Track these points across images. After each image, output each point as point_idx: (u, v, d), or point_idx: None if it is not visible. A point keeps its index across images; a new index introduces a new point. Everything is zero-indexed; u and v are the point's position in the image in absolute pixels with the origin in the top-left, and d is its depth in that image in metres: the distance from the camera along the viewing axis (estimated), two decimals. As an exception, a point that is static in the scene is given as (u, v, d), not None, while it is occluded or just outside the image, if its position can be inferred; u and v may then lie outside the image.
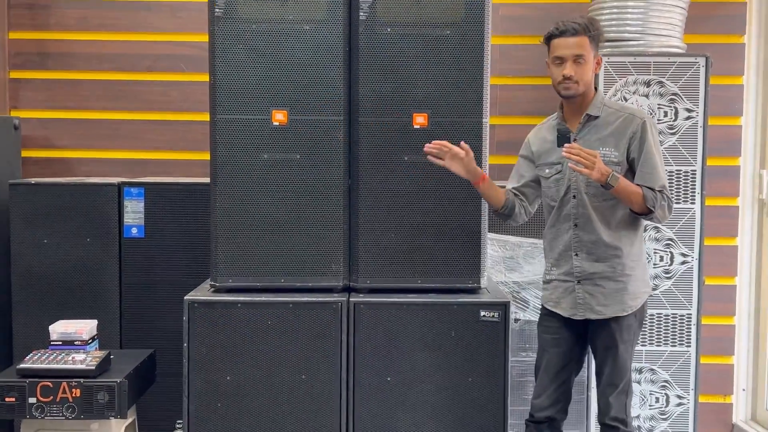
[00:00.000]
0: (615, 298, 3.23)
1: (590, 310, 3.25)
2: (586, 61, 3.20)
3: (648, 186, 3.16)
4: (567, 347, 3.34)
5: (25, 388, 3.21)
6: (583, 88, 3.22)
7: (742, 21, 4.84)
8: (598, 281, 3.24)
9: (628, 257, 3.24)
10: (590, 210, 3.22)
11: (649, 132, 3.20)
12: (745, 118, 4.86)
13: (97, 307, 4.28)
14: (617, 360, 3.25)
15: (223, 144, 3.42)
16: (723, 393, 4.91)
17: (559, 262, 3.32)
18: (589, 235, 3.23)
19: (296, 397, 3.39)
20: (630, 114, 3.26)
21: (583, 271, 3.25)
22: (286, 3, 3.38)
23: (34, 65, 4.97)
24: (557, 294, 3.34)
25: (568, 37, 3.20)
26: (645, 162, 3.18)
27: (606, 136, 3.23)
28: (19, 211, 4.34)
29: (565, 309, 3.31)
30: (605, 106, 3.29)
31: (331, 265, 3.46)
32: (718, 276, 4.84)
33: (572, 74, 3.19)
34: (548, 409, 3.31)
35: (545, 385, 3.33)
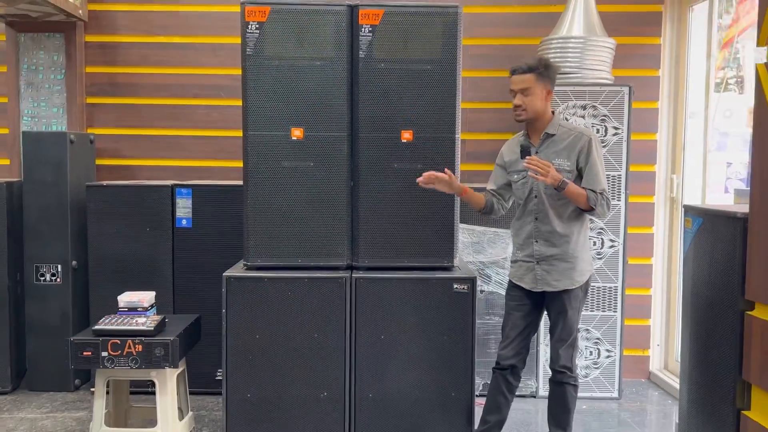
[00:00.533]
0: (565, 274, 3.24)
1: (547, 284, 3.26)
2: (532, 93, 3.19)
3: (591, 189, 3.17)
4: (527, 311, 3.34)
5: (99, 345, 3.20)
6: (532, 114, 3.22)
7: (658, 59, 4.85)
8: (552, 262, 3.25)
9: (576, 244, 3.25)
10: (548, 207, 3.23)
11: (593, 147, 3.21)
12: (659, 135, 4.86)
13: (155, 281, 4.28)
14: (567, 321, 3.26)
15: (253, 154, 3.40)
16: (642, 347, 4.92)
17: (523, 247, 3.33)
18: (546, 226, 3.24)
19: (310, 351, 3.38)
20: (579, 132, 3.26)
21: (541, 254, 3.26)
22: (302, 44, 3.37)
23: (105, 93, 4.95)
24: (521, 272, 3.34)
25: (518, 74, 3.22)
26: (589, 170, 3.20)
27: (561, 149, 3.23)
28: (94, 208, 4.33)
29: (527, 283, 3.32)
30: (560, 126, 3.28)
31: (337, 248, 3.45)
32: (638, 257, 4.84)
33: (520, 103, 3.21)
34: (512, 359, 3.31)
35: (510, 340, 3.33)
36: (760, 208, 2.39)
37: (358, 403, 3.40)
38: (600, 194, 3.18)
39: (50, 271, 4.39)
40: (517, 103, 3.22)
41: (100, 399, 3.29)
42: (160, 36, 4.90)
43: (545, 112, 3.26)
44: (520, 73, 3.22)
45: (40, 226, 4.38)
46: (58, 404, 4.23)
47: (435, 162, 3.40)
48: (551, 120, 3.28)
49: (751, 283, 2.46)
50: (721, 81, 4.76)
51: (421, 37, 3.38)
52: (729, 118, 5.08)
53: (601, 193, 3.19)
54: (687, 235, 3.05)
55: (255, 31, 3.34)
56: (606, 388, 4.46)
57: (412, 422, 3.41)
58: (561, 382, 3.31)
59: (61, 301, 4.40)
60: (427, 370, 3.40)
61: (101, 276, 4.33)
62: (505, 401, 3.36)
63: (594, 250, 4.39)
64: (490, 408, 3.38)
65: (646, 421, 4.19)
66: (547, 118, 3.28)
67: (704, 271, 2.85)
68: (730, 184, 4.82)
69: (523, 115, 3.23)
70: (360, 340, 3.39)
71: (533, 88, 3.20)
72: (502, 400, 3.35)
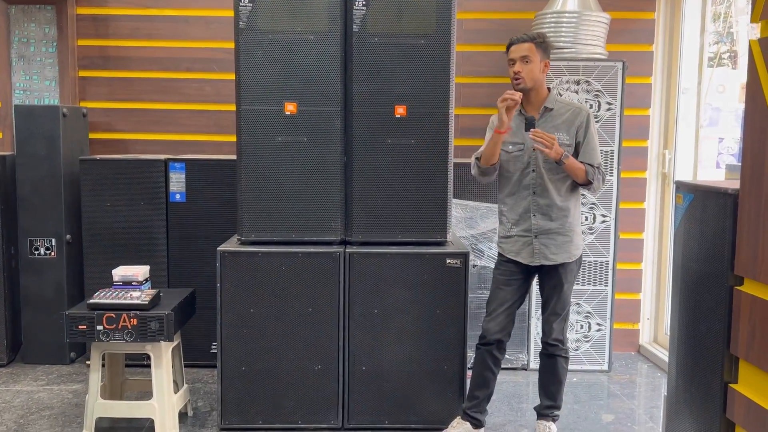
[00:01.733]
0: (563, 248, 3.25)
1: (545, 258, 3.25)
2: (531, 61, 3.18)
3: (588, 163, 3.20)
4: (517, 286, 3.32)
5: (94, 318, 3.20)
6: (531, 83, 3.20)
7: (651, 34, 4.82)
8: (551, 235, 3.24)
9: (573, 218, 3.27)
10: (546, 181, 3.22)
11: (591, 122, 3.25)
12: (652, 110, 4.85)
13: (150, 255, 4.28)
14: (561, 295, 3.29)
15: (246, 129, 3.39)
16: (632, 321, 4.96)
17: (519, 222, 3.29)
18: (544, 200, 3.23)
19: (304, 325, 3.40)
20: (578, 108, 3.27)
21: (540, 227, 3.24)
22: (296, 18, 3.34)
23: (97, 66, 4.90)
24: (517, 246, 3.30)
25: (518, 43, 3.21)
26: (587, 145, 3.22)
27: (559, 124, 3.23)
28: (87, 181, 4.31)
29: (525, 258, 3.28)
30: (558, 102, 3.28)
31: (331, 223, 3.45)
32: (629, 232, 4.86)
33: (519, 71, 3.18)
34: (498, 333, 3.28)
35: (497, 314, 3.29)
36: (751, 184, 2.40)
37: (352, 375, 3.43)
38: (597, 168, 3.21)
39: (44, 245, 4.38)
40: (516, 69, 3.19)
41: (96, 372, 3.30)
42: (151, 8, 4.84)
43: (542, 85, 3.26)
44: (519, 42, 3.21)
45: (34, 200, 4.36)
46: (54, 377, 4.25)
47: (429, 137, 3.39)
48: (548, 95, 3.28)
49: (741, 258, 2.47)
50: (714, 55, 4.74)
51: (415, 11, 3.35)
52: (722, 93, 5.08)
53: (597, 167, 3.22)
54: (678, 211, 3.06)
55: (248, 5, 3.31)
56: (596, 361, 4.51)
57: (405, 395, 3.45)
58: (553, 355, 3.34)
59: (55, 275, 4.40)
60: (419, 343, 3.43)
61: (95, 250, 4.32)
62: (492, 376, 3.36)
63: (585, 224, 4.41)
64: (478, 384, 3.37)
65: (636, 393, 4.24)
66: (544, 93, 3.28)
67: (694, 247, 2.86)
68: (721, 160, 4.83)
69: (521, 83, 3.20)
70: (353, 314, 3.41)
71: (532, 56, 3.18)
72: (489, 375, 3.35)
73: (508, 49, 3.25)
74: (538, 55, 3.20)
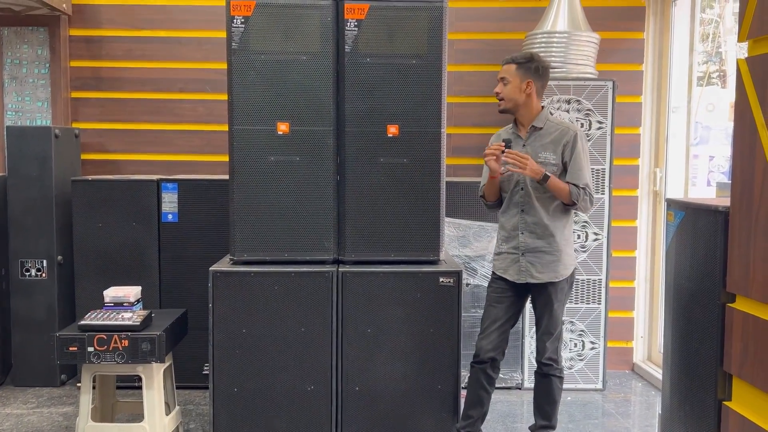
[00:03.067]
0: (549, 267, 3.26)
1: (530, 276, 3.27)
2: (509, 82, 3.26)
3: (574, 183, 3.20)
4: (509, 304, 3.35)
5: (85, 340, 3.18)
6: (509, 104, 3.28)
7: (641, 53, 4.87)
8: (537, 254, 3.26)
9: (561, 237, 3.27)
10: (534, 199, 3.25)
11: (578, 142, 3.24)
12: (643, 129, 4.89)
13: (141, 276, 4.26)
14: (553, 314, 3.29)
15: (239, 149, 3.39)
16: (625, 339, 4.95)
17: (508, 239, 3.34)
18: (532, 218, 3.26)
19: (297, 345, 3.38)
20: (566, 127, 3.30)
21: (527, 245, 3.27)
22: (288, 39, 3.35)
23: (90, 87, 4.91)
24: (506, 263, 3.35)
25: (504, 64, 3.32)
26: (573, 164, 3.23)
27: (547, 143, 3.26)
28: (79, 202, 4.30)
29: (511, 275, 3.32)
30: (548, 120, 3.31)
31: (323, 242, 3.45)
32: (622, 250, 4.87)
33: (498, 91, 3.30)
34: (492, 352, 3.30)
35: (490, 332, 3.32)
36: (741, 202, 2.42)
37: (345, 396, 3.41)
38: (583, 189, 3.21)
39: (35, 266, 4.36)
40: (496, 90, 3.31)
41: (87, 394, 3.27)
42: (144, 30, 4.86)
43: (526, 105, 3.29)
44: (504, 63, 3.32)
45: (25, 221, 4.34)
46: (44, 399, 4.20)
47: (421, 156, 3.40)
48: (539, 113, 3.31)
49: (732, 275, 2.48)
50: (703, 75, 4.79)
51: (406, 31, 3.37)
52: (711, 112, 5.12)
53: (583, 188, 3.21)
54: (669, 229, 3.07)
55: (240, 26, 3.33)
56: (590, 380, 4.50)
57: (399, 415, 3.42)
58: (547, 374, 3.34)
59: (46, 297, 4.37)
60: (413, 363, 3.41)
61: (87, 271, 4.30)
62: (486, 395, 3.36)
63: (578, 243, 4.41)
64: (472, 403, 3.37)
65: (630, 411, 4.23)
66: (534, 112, 3.31)
67: (686, 264, 2.87)
68: (712, 178, 4.86)
69: (501, 104, 3.30)
70: (346, 333, 3.39)
71: (510, 77, 3.26)
72: (483, 395, 3.35)
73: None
74: (518, 76, 3.25)
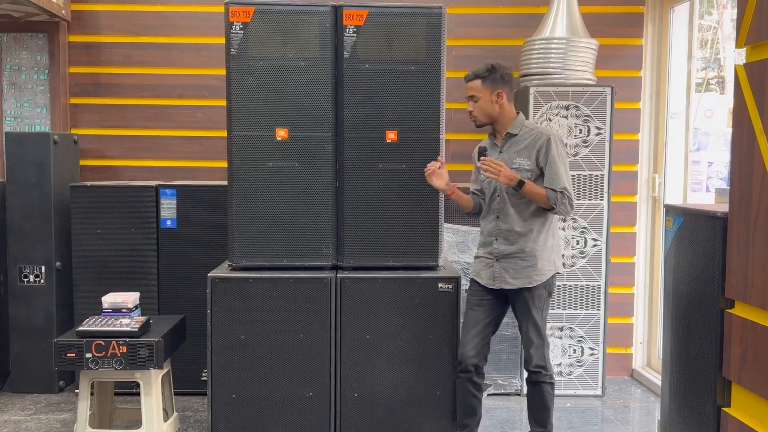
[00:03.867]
0: (523, 273, 3.23)
1: (504, 282, 3.26)
2: (479, 99, 3.25)
3: (551, 187, 3.17)
4: (488, 308, 3.32)
5: (83, 346, 3.17)
6: (484, 119, 3.28)
7: (639, 60, 4.88)
8: (510, 260, 3.25)
9: (536, 242, 3.24)
10: (509, 206, 3.24)
11: (553, 146, 3.20)
12: (641, 135, 4.89)
13: (140, 282, 4.25)
14: (533, 321, 3.25)
15: (237, 155, 3.39)
16: (625, 345, 4.95)
17: (485, 244, 3.35)
18: (505, 224, 3.25)
19: (295, 351, 3.38)
20: (539, 132, 3.26)
21: (501, 251, 3.26)
22: (287, 45, 3.36)
23: (89, 93, 4.91)
24: (479, 267, 3.36)
25: (467, 82, 3.29)
26: (549, 168, 3.20)
27: (521, 149, 3.25)
28: (78, 208, 4.30)
29: (484, 279, 3.32)
30: (524, 126, 3.29)
31: (322, 248, 3.45)
32: (621, 255, 4.87)
33: (470, 110, 3.28)
34: (474, 358, 3.27)
35: (472, 337, 3.29)
36: (740, 207, 2.42)
37: (344, 402, 3.40)
38: (560, 193, 3.17)
39: (34, 272, 4.36)
40: (468, 108, 3.30)
41: (85, 400, 3.26)
42: (143, 36, 4.87)
43: (502, 114, 3.28)
44: (467, 81, 3.29)
45: (24, 227, 4.34)
46: (42, 406, 4.19)
47: (420, 162, 3.40)
48: (514, 120, 3.30)
49: (731, 281, 2.48)
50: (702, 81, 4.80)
51: (405, 37, 3.38)
52: (710, 118, 5.13)
53: (561, 191, 3.17)
54: (668, 235, 3.07)
55: (239, 32, 3.33)
56: (589, 386, 4.49)
57: (398, 421, 3.42)
58: (537, 382, 3.29)
59: (45, 303, 4.37)
60: (412, 369, 3.41)
61: (85, 277, 4.29)
62: (477, 401, 3.35)
63: (576, 249, 4.41)
64: (465, 413, 3.35)
65: (629, 417, 4.22)
66: (510, 118, 3.30)
67: (685, 270, 2.87)
68: (711, 183, 4.87)
69: (475, 120, 3.30)
70: (345, 339, 3.39)
71: (479, 94, 3.24)
72: (475, 402, 3.34)
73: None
74: (487, 90, 3.24)
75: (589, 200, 4.39)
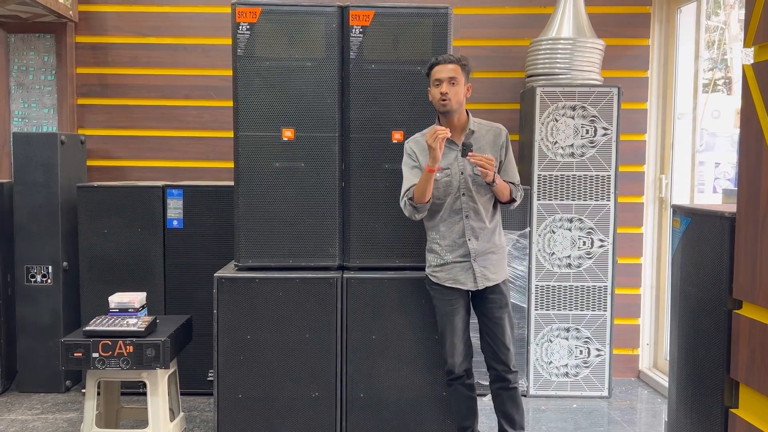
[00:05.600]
0: (499, 266, 3.25)
1: (487, 279, 3.20)
2: (457, 83, 3.13)
3: (510, 181, 3.22)
4: (463, 312, 3.24)
5: (90, 346, 3.18)
6: (456, 106, 3.13)
7: (646, 60, 4.86)
8: (486, 256, 3.20)
9: (500, 236, 3.28)
10: (478, 204, 3.17)
11: (509, 140, 3.28)
12: (648, 135, 4.88)
13: (146, 282, 4.26)
14: (509, 316, 3.25)
15: (244, 155, 3.40)
16: (631, 346, 4.93)
17: (454, 248, 3.20)
18: (478, 222, 3.18)
19: (301, 351, 3.38)
20: (497, 128, 3.27)
21: (477, 250, 3.18)
22: (293, 45, 3.36)
23: (96, 94, 4.93)
24: (455, 272, 3.20)
25: (445, 64, 3.13)
26: (509, 163, 3.26)
27: (483, 145, 3.20)
28: (85, 208, 4.31)
29: (466, 283, 3.20)
30: (477, 123, 3.25)
31: (328, 248, 3.45)
32: (627, 256, 4.86)
33: (447, 91, 3.10)
34: (463, 364, 3.24)
35: (456, 345, 3.22)
36: (747, 208, 2.41)
37: (350, 402, 3.40)
38: (517, 186, 3.25)
39: (41, 272, 4.37)
40: (444, 90, 3.11)
41: (91, 400, 3.27)
42: (150, 37, 4.88)
43: (463, 108, 3.22)
44: (447, 63, 3.15)
45: (31, 227, 4.36)
46: (49, 405, 4.21)
47: (425, 162, 3.39)
48: (468, 118, 3.25)
49: (739, 282, 2.47)
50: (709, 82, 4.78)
51: (411, 38, 3.38)
52: (717, 119, 5.11)
53: (517, 184, 3.26)
54: (675, 235, 3.06)
55: (246, 32, 3.34)
56: (596, 387, 4.48)
57: (404, 421, 3.42)
58: (515, 386, 3.25)
59: (51, 303, 4.38)
60: (418, 369, 3.41)
61: (92, 277, 4.31)
62: (473, 402, 3.32)
63: (583, 249, 4.40)
64: (463, 415, 3.32)
65: (636, 419, 4.20)
66: (465, 116, 3.25)
67: (692, 271, 2.86)
68: (718, 184, 4.85)
69: (448, 104, 3.12)
70: (351, 340, 3.39)
71: (459, 78, 3.14)
72: (471, 403, 3.32)
73: (432, 69, 3.17)
74: (463, 78, 3.17)
75: (596, 201, 4.38)
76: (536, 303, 4.44)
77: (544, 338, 4.45)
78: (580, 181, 4.38)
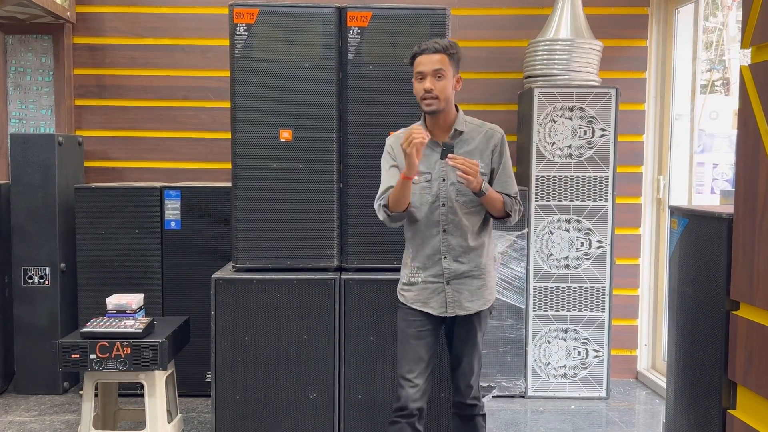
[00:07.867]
0: (477, 294, 2.81)
1: (459, 307, 2.79)
2: (445, 77, 2.69)
3: (505, 193, 2.80)
4: (430, 340, 2.82)
5: (87, 347, 3.18)
6: (443, 104, 2.72)
7: (644, 61, 4.87)
8: (463, 280, 2.78)
9: (486, 257, 2.84)
10: (461, 216, 2.75)
11: (506, 145, 2.82)
12: (646, 136, 4.88)
13: (144, 283, 4.26)
14: (476, 347, 2.85)
15: (241, 156, 3.40)
16: (629, 347, 4.94)
17: (427, 266, 2.81)
18: (457, 239, 2.77)
19: (299, 353, 3.38)
20: (490, 128, 2.84)
21: (452, 272, 2.77)
22: (291, 46, 3.36)
23: (93, 95, 4.92)
24: (425, 294, 2.81)
25: (430, 54, 2.70)
26: (503, 171, 2.82)
27: (472, 149, 2.78)
28: (82, 209, 4.31)
29: (435, 308, 2.80)
30: (468, 123, 2.83)
31: (326, 250, 3.44)
32: (625, 257, 4.86)
33: (432, 88, 2.68)
34: (419, 400, 2.77)
35: (417, 375, 2.77)
36: (745, 209, 2.41)
37: (347, 404, 3.40)
38: (515, 198, 2.82)
39: (38, 273, 4.37)
40: (428, 87, 2.69)
41: (89, 402, 3.27)
42: (148, 38, 4.88)
43: (452, 104, 2.79)
44: (431, 52, 2.71)
45: (28, 228, 4.35)
46: (47, 407, 4.20)
47: (423, 163, 3.39)
48: (457, 116, 2.82)
49: (736, 283, 2.47)
50: (707, 83, 4.78)
51: (409, 38, 3.37)
52: (715, 120, 5.12)
53: (514, 197, 2.82)
54: (673, 236, 3.06)
55: (243, 33, 3.34)
56: (594, 388, 4.48)
57: (401, 423, 3.41)
58: (473, 416, 2.92)
59: (49, 304, 4.37)
60: (416, 371, 3.40)
61: (90, 278, 4.30)
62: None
63: (581, 250, 4.41)
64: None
65: (634, 420, 4.20)
66: (453, 114, 2.81)
67: (690, 272, 2.86)
68: (716, 185, 4.86)
69: (434, 103, 2.71)
70: (349, 341, 3.39)
71: (446, 70, 2.70)
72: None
73: (414, 59, 2.77)
74: (451, 70, 2.73)
75: (594, 202, 4.38)
76: (534, 304, 4.44)
77: (542, 339, 4.46)
78: (578, 182, 4.38)
